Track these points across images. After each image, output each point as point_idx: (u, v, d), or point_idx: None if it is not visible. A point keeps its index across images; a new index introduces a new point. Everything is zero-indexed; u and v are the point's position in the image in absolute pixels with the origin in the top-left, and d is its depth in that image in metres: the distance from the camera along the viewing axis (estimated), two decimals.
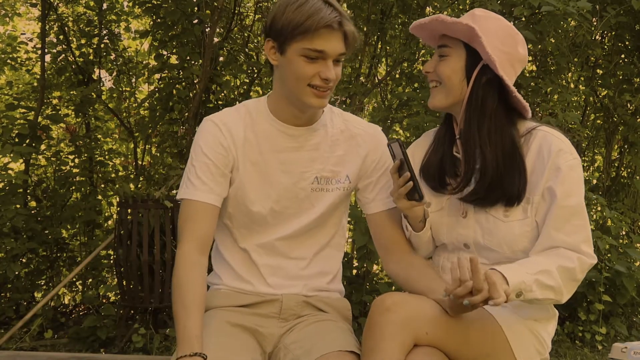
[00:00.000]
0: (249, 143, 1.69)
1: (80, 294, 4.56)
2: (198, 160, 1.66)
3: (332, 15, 1.52)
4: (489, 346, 1.57)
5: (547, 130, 1.64)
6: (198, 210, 1.63)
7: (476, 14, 1.63)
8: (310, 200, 1.72)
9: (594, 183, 4.90)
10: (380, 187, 1.76)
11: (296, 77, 1.57)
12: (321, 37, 1.53)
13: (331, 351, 1.53)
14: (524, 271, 1.49)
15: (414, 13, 4.45)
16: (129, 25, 5.12)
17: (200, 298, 1.55)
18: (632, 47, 4.59)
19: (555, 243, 1.56)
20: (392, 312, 1.47)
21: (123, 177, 4.77)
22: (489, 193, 1.61)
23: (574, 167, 1.57)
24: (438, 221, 1.73)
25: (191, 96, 4.28)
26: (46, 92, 4.66)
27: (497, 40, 1.59)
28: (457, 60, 1.63)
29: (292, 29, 1.53)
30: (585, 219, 1.58)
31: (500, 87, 1.63)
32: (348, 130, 1.75)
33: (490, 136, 1.62)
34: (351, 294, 3.88)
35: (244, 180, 1.68)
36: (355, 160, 1.74)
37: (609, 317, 4.17)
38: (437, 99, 1.67)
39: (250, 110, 1.72)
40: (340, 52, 1.56)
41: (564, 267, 1.53)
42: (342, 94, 4.52)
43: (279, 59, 1.60)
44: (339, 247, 1.83)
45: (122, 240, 3.57)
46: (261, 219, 1.71)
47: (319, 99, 1.59)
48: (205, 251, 1.63)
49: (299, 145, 1.70)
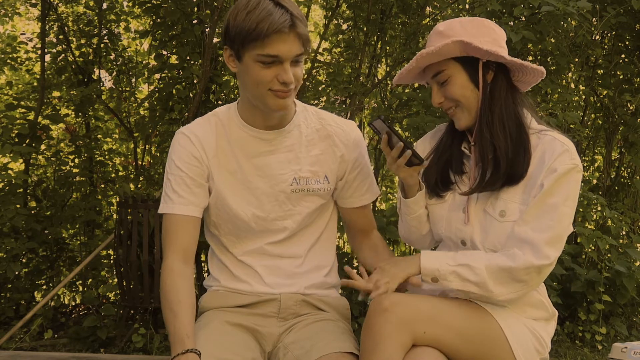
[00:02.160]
0: (223, 152, 1.69)
1: (80, 294, 4.56)
2: (173, 174, 1.68)
3: (282, 19, 1.49)
4: (488, 346, 1.57)
5: (554, 135, 1.63)
6: (178, 223, 1.65)
7: (442, 30, 1.64)
8: (291, 202, 1.72)
9: (594, 183, 4.89)
10: (356, 186, 1.79)
11: (255, 83, 1.56)
12: (273, 42, 1.50)
13: (331, 352, 1.53)
14: (445, 261, 1.56)
15: (414, 13, 4.45)
16: (128, 25, 5.12)
17: (187, 302, 1.57)
18: (632, 47, 4.59)
19: (519, 235, 1.55)
20: (390, 312, 1.47)
21: (123, 177, 4.77)
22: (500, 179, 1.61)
23: (570, 171, 1.56)
24: (438, 214, 1.73)
25: (191, 96, 4.28)
26: (46, 92, 4.66)
27: (478, 36, 1.60)
28: (459, 76, 1.64)
29: (244, 37, 1.51)
30: (558, 222, 1.54)
31: (504, 72, 1.65)
32: (324, 129, 1.75)
33: (502, 126, 1.62)
34: (351, 294, 3.87)
35: (222, 189, 1.69)
36: (332, 160, 1.75)
37: (609, 317, 4.17)
38: (463, 120, 1.67)
39: (222, 119, 1.72)
40: (296, 53, 1.54)
41: (498, 266, 1.53)
42: (342, 94, 4.52)
43: (237, 66, 1.60)
44: (331, 239, 1.84)
45: (122, 240, 3.57)
46: (245, 226, 1.72)
47: (281, 99, 1.59)
48: (189, 261, 1.66)
49: (274, 148, 1.70)
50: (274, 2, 1.51)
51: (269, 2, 1.51)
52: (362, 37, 4.66)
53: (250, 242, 1.74)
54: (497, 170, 1.62)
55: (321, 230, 1.80)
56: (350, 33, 4.82)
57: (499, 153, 1.61)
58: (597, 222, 4.50)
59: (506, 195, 1.62)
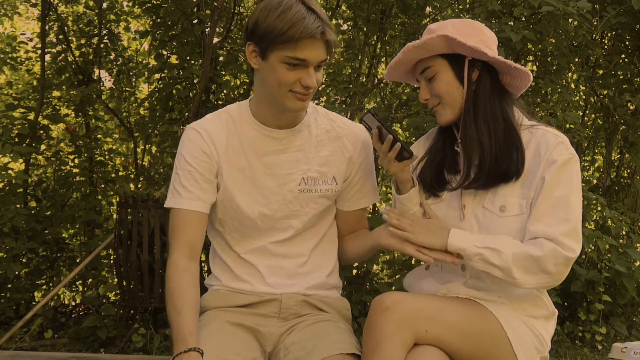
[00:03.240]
0: (233, 149, 1.69)
1: (80, 294, 4.56)
2: (182, 169, 1.68)
3: (315, 24, 1.51)
4: (489, 344, 1.57)
5: (546, 128, 1.65)
6: (185, 218, 1.65)
7: (433, 28, 1.66)
8: (298, 202, 1.72)
9: (594, 183, 4.89)
10: (358, 189, 1.80)
11: (277, 83, 1.57)
12: (304, 47, 1.52)
13: (332, 354, 1.53)
14: (473, 242, 1.56)
15: (414, 13, 4.45)
16: (128, 25, 5.12)
17: (191, 299, 1.57)
18: (632, 47, 4.59)
19: (535, 233, 1.55)
20: (392, 311, 1.48)
21: (123, 177, 4.77)
22: (488, 177, 1.63)
23: (569, 161, 1.58)
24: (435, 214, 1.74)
25: (191, 96, 4.28)
26: (46, 92, 4.66)
27: (466, 35, 1.62)
28: (445, 72, 1.66)
29: (274, 37, 1.52)
30: (571, 213, 1.55)
31: (491, 74, 1.66)
32: (334, 130, 1.76)
33: (486, 124, 1.64)
34: (351, 294, 3.88)
35: (231, 186, 1.69)
36: (340, 161, 1.76)
37: (609, 317, 4.17)
38: (445, 116, 1.69)
39: (233, 116, 1.72)
40: (322, 59, 1.57)
41: (527, 254, 1.53)
42: (342, 94, 4.52)
43: (260, 63, 1.60)
44: (333, 240, 1.84)
45: (122, 240, 3.57)
46: (251, 224, 1.72)
47: (300, 102, 1.61)
48: (195, 257, 1.66)
49: (284, 147, 1.71)
50: (306, 7, 1.53)
51: (302, 6, 1.53)
52: (362, 37, 4.66)
53: (254, 241, 1.74)
54: (481, 169, 1.63)
55: (325, 231, 1.81)
56: (350, 33, 4.82)
57: (483, 151, 1.63)
58: (597, 222, 4.50)
59: (505, 191, 1.63)
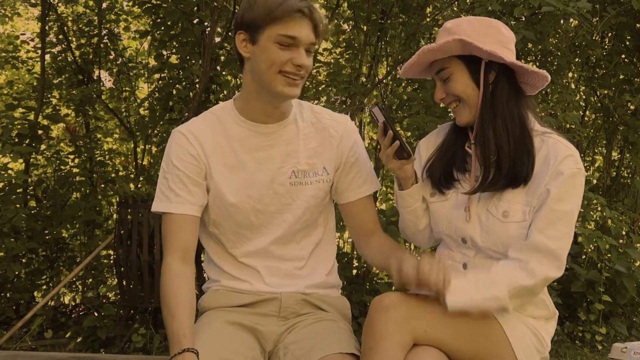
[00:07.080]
0: (221, 149, 1.70)
1: (80, 294, 4.56)
2: (169, 172, 1.68)
3: (302, 2, 1.57)
4: (489, 345, 1.57)
5: (558, 138, 1.64)
6: (175, 222, 1.66)
7: (449, 27, 1.66)
8: (290, 195, 1.72)
9: (594, 183, 4.89)
10: (353, 177, 1.79)
11: (269, 64, 1.58)
12: (294, 24, 1.56)
13: (331, 353, 1.53)
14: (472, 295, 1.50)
15: (414, 13, 4.45)
16: (128, 25, 5.13)
17: (185, 302, 1.57)
18: (632, 47, 4.59)
19: (536, 245, 1.55)
20: (391, 311, 1.47)
21: (123, 177, 4.77)
22: (505, 180, 1.62)
23: (576, 175, 1.56)
24: (439, 211, 1.74)
25: (191, 96, 4.29)
26: (46, 91, 4.66)
27: (483, 36, 1.61)
28: (461, 74, 1.65)
29: (264, 17, 1.56)
30: (571, 228, 1.57)
31: (508, 75, 1.65)
32: (319, 122, 1.77)
33: (505, 127, 1.63)
34: (351, 294, 3.88)
35: (221, 185, 1.69)
36: (329, 151, 1.76)
37: (609, 317, 4.17)
38: (463, 116, 1.68)
39: (219, 116, 1.73)
40: (312, 41, 1.60)
41: (520, 286, 1.53)
42: (342, 94, 4.52)
43: (250, 50, 1.62)
44: (331, 240, 1.85)
45: (122, 240, 3.57)
46: (245, 221, 1.72)
47: (291, 87, 1.61)
48: (189, 260, 1.66)
49: (273, 142, 1.71)
50: None
51: None
52: (362, 37, 4.66)
53: (251, 242, 1.74)
54: (499, 172, 1.62)
55: (323, 232, 1.81)
56: (351, 33, 4.83)
57: (502, 154, 1.62)
58: (597, 222, 4.51)
59: (509, 196, 1.62)
